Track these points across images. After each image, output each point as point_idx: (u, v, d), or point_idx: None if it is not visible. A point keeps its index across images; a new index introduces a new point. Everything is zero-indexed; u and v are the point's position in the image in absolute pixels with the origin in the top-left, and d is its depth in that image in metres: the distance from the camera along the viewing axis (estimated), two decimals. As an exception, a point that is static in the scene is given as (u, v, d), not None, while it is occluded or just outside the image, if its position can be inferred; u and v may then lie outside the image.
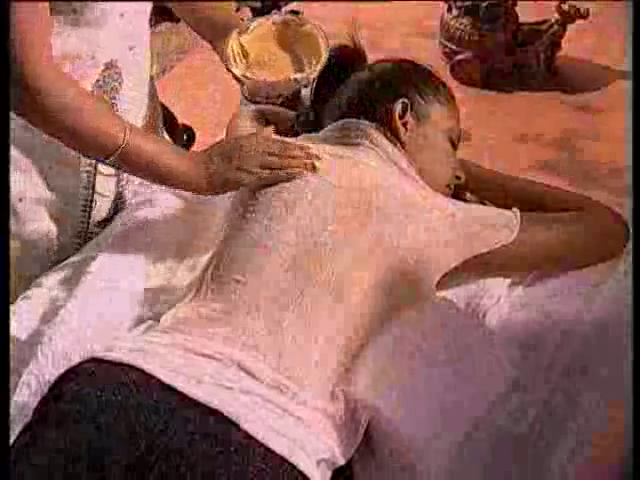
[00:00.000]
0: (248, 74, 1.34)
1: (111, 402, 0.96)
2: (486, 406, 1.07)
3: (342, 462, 1.00)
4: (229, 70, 1.36)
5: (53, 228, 1.35)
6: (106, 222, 1.38)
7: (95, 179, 1.35)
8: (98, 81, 1.29)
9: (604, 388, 1.10)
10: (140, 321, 1.18)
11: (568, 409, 1.08)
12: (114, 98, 1.32)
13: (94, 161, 1.31)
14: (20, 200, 1.31)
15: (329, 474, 0.98)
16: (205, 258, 1.21)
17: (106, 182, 1.37)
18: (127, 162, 1.19)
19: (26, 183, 1.30)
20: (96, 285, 1.22)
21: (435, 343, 1.09)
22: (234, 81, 1.37)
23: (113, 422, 0.95)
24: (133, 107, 1.37)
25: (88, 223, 1.38)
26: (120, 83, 1.31)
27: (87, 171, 1.34)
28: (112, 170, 1.35)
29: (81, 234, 1.38)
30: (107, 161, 1.19)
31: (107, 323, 1.18)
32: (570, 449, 1.03)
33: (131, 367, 0.99)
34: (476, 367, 1.09)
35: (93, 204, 1.36)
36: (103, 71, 1.28)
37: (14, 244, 1.31)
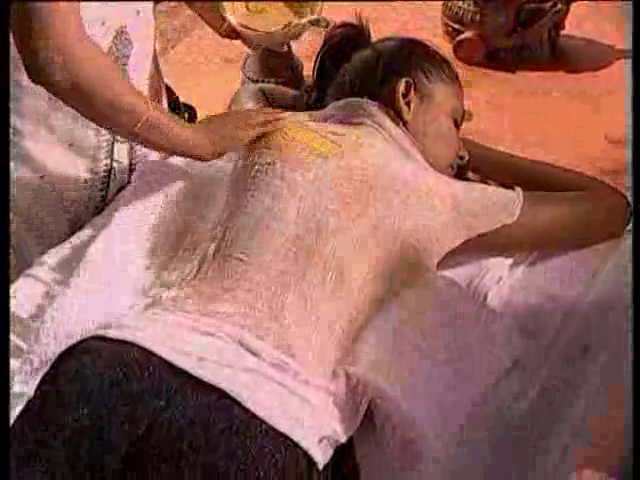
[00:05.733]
0: (245, 22, 1.33)
1: (112, 380, 0.96)
2: (483, 390, 1.07)
3: (343, 440, 0.99)
4: (220, 26, 1.35)
5: (76, 201, 1.36)
6: (121, 190, 1.39)
7: (114, 146, 1.36)
8: (111, 48, 1.28)
9: (604, 371, 1.10)
10: (142, 300, 1.16)
11: (567, 392, 1.08)
12: (125, 65, 1.31)
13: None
14: (42, 177, 1.31)
15: (331, 452, 0.98)
16: (206, 239, 1.20)
17: (122, 148, 1.37)
18: (147, 133, 1.19)
19: (48, 156, 1.30)
20: (98, 265, 1.22)
21: (435, 342, 1.09)
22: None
23: (114, 400, 0.95)
24: (141, 75, 1.36)
25: (107, 192, 1.38)
26: (130, 50, 1.31)
27: (107, 139, 1.34)
28: None
29: (101, 203, 1.38)
30: (128, 132, 1.19)
31: (109, 302, 1.17)
32: (568, 436, 1.04)
33: (132, 345, 0.99)
34: (475, 366, 1.08)
35: (112, 172, 1.37)
36: (115, 38, 1.27)
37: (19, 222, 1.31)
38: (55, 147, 1.31)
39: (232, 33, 1.39)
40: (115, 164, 1.38)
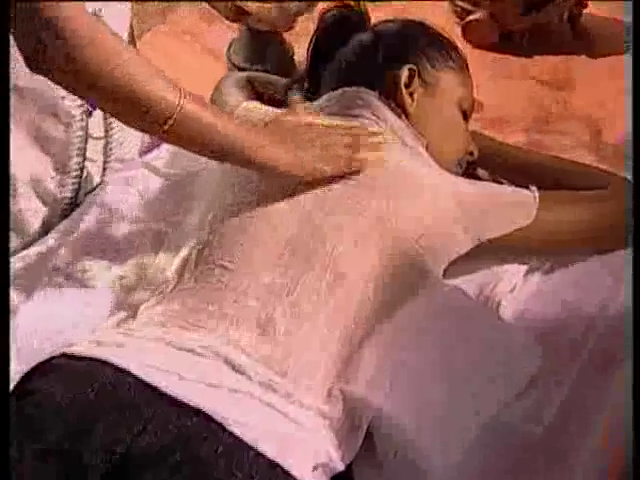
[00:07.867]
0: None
1: (83, 401, 0.92)
2: (499, 407, 1.03)
3: (341, 467, 0.95)
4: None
5: (46, 199, 1.31)
6: (93, 190, 1.35)
7: (86, 144, 1.31)
8: None
9: (628, 387, 1.01)
10: (115, 314, 1.14)
11: (588, 413, 1.03)
12: None
13: (85, 124, 1.28)
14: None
15: None
16: (187, 245, 1.16)
17: (95, 146, 1.33)
18: (182, 131, 1.06)
19: (19, 157, 1.25)
20: (64, 276, 1.19)
21: (440, 359, 1.04)
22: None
23: (85, 423, 0.91)
24: None
25: (77, 193, 1.33)
26: None
27: (79, 135, 1.29)
28: (102, 132, 1.31)
29: (71, 205, 1.34)
30: (161, 131, 1.06)
31: (77, 316, 1.14)
32: (589, 456, 0.99)
33: (104, 363, 0.95)
34: (486, 385, 1.03)
35: (84, 171, 1.32)
36: None
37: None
38: (19, 141, 1.25)
39: (238, 15, 1.34)
40: (88, 162, 1.33)
